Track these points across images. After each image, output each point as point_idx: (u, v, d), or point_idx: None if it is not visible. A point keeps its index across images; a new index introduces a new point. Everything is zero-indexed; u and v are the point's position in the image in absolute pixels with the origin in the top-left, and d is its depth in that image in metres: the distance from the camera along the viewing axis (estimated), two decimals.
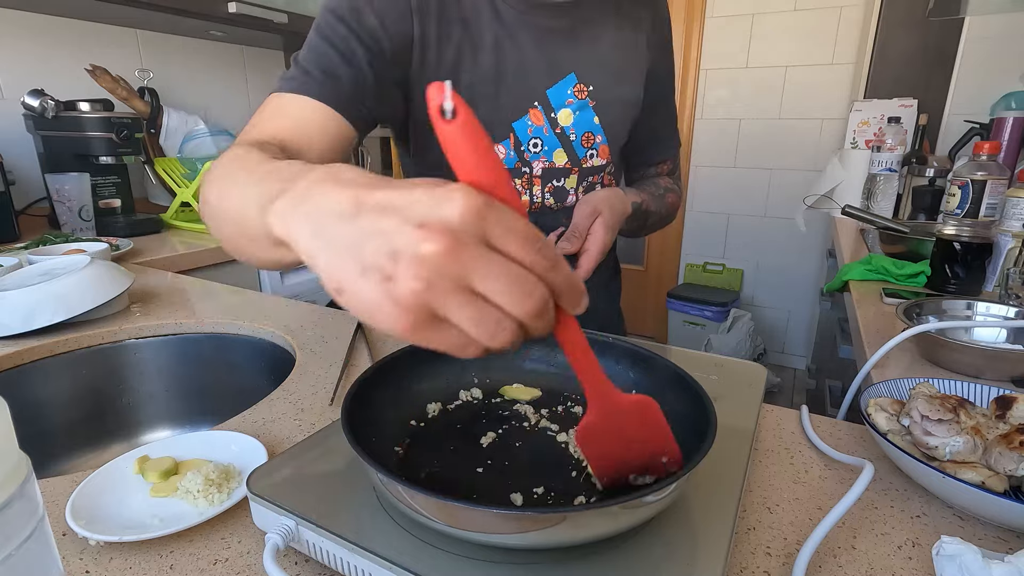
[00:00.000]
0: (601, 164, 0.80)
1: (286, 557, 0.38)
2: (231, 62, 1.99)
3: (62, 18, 1.56)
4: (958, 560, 0.33)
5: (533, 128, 0.74)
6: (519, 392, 0.52)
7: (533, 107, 0.74)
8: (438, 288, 0.25)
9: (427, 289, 0.25)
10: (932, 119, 2.07)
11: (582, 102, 0.76)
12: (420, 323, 0.25)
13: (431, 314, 0.25)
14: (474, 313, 0.25)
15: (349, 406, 0.38)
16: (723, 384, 0.57)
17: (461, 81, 0.70)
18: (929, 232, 1.10)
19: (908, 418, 0.48)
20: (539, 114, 0.74)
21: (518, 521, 0.31)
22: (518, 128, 0.74)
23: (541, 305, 0.26)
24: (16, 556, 0.19)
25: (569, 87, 0.74)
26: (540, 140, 0.75)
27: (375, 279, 0.25)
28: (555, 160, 0.77)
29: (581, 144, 0.77)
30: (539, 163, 0.76)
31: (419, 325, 0.26)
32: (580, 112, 0.76)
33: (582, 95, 0.75)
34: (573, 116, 0.76)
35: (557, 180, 0.78)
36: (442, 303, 0.25)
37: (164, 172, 1.58)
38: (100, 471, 0.45)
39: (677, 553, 0.34)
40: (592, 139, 0.78)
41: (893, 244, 1.17)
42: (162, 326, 0.82)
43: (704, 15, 2.70)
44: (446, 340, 0.26)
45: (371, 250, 0.25)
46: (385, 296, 0.25)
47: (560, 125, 0.75)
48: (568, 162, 0.78)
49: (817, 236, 2.65)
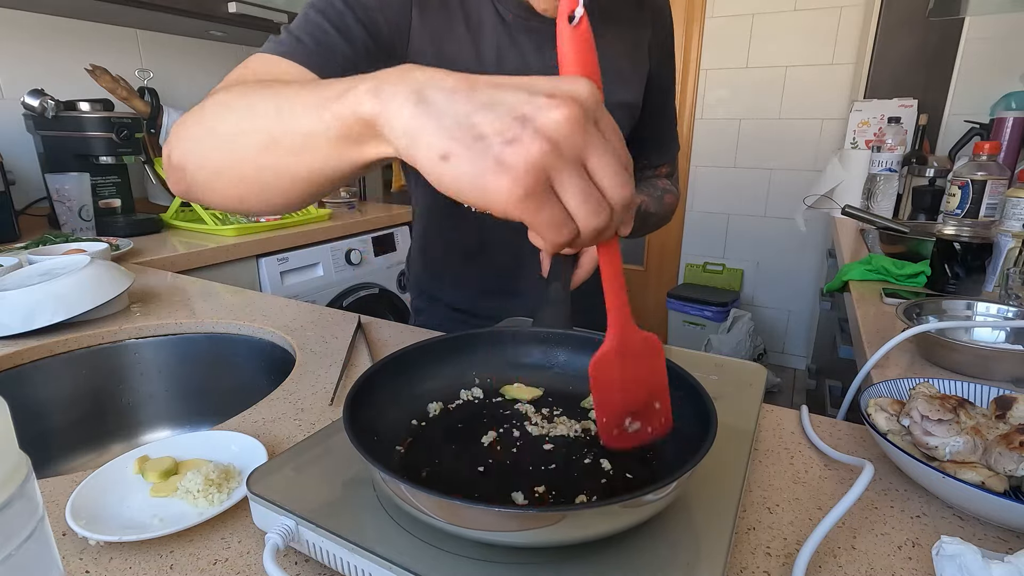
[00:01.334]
0: None
1: (286, 557, 0.38)
2: (231, 62, 1.99)
3: (62, 18, 1.56)
4: (958, 560, 0.33)
5: None
6: (520, 392, 0.52)
7: None
8: (563, 153, 0.26)
9: (552, 151, 0.26)
10: (932, 119, 2.07)
11: None
12: (534, 189, 0.26)
13: (546, 182, 0.26)
14: (584, 187, 0.27)
15: (351, 405, 0.38)
16: (723, 384, 0.57)
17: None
18: (929, 232, 1.10)
19: (908, 418, 0.48)
20: None
21: (519, 519, 0.31)
22: None
23: (629, 198, 0.28)
24: (16, 556, 0.19)
25: None
26: None
27: (497, 142, 0.26)
28: None
29: None
30: None
31: (532, 191, 0.26)
32: None
33: None
34: None
35: None
36: (560, 169, 0.26)
37: (164, 172, 1.58)
38: (100, 471, 0.45)
39: (677, 553, 0.34)
40: None
41: (893, 244, 1.17)
42: (162, 326, 0.82)
43: (704, 15, 2.70)
44: (549, 213, 0.27)
45: (493, 117, 0.26)
46: (502, 159, 0.26)
47: None
48: None
49: (817, 236, 2.65)
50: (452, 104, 0.27)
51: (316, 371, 0.66)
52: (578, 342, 0.55)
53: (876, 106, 2.09)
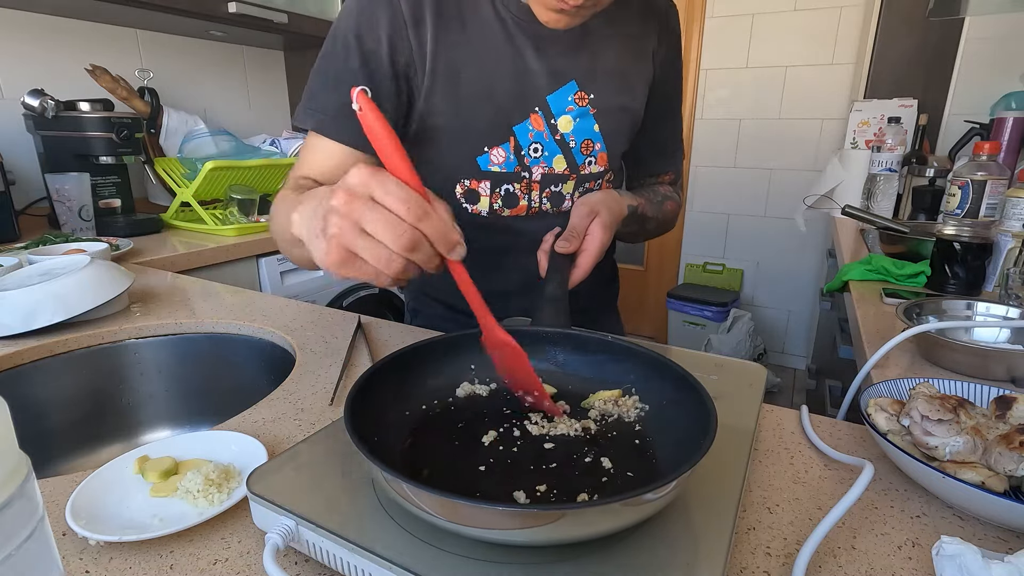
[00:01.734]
0: (599, 171, 0.80)
1: (286, 557, 0.38)
2: (231, 62, 1.99)
3: (62, 18, 1.56)
4: (958, 560, 0.33)
5: (534, 133, 0.74)
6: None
7: (534, 112, 0.73)
8: (345, 229, 0.38)
9: (339, 231, 0.38)
10: (932, 119, 2.07)
11: (583, 109, 0.75)
12: (343, 258, 0.39)
13: (348, 251, 0.39)
14: (371, 247, 0.38)
15: (352, 405, 0.38)
16: (723, 384, 0.57)
17: (461, 81, 0.70)
18: (929, 232, 1.10)
19: (908, 418, 0.48)
20: (540, 119, 0.74)
21: (521, 517, 0.31)
22: (519, 132, 0.74)
23: (411, 243, 0.38)
24: (16, 556, 0.19)
25: (570, 94, 0.74)
26: (541, 145, 0.75)
27: (317, 231, 0.40)
28: (555, 166, 0.77)
29: (580, 151, 0.77)
30: (539, 168, 0.76)
31: (343, 260, 0.39)
32: (580, 119, 0.76)
33: (583, 102, 0.75)
34: (573, 123, 0.75)
35: (555, 185, 0.78)
36: (350, 240, 0.38)
37: (164, 172, 1.58)
38: (100, 471, 0.45)
39: (677, 552, 0.34)
40: (591, 146, 0.78)
41: (893, 244, 1.17)
42: (162, 326, 0.82)
43: (704, 15, 2.70)
44: (361, 270, 0.40)
45: (317, 216, 0.41)
46: (322, 242, 0.40)
47: (560, 131, 0.75)
48: (567, 168, 0.77)
49: (817, 236, 2.65)
50: (307, 214, 0.44)
51: (316, 371, 0.66)
52: (577, 341, 0.55)
53: (876, 106, 2.09)
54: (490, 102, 0.71)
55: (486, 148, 0.74)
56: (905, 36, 2.14)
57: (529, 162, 0.75)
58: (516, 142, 0.74)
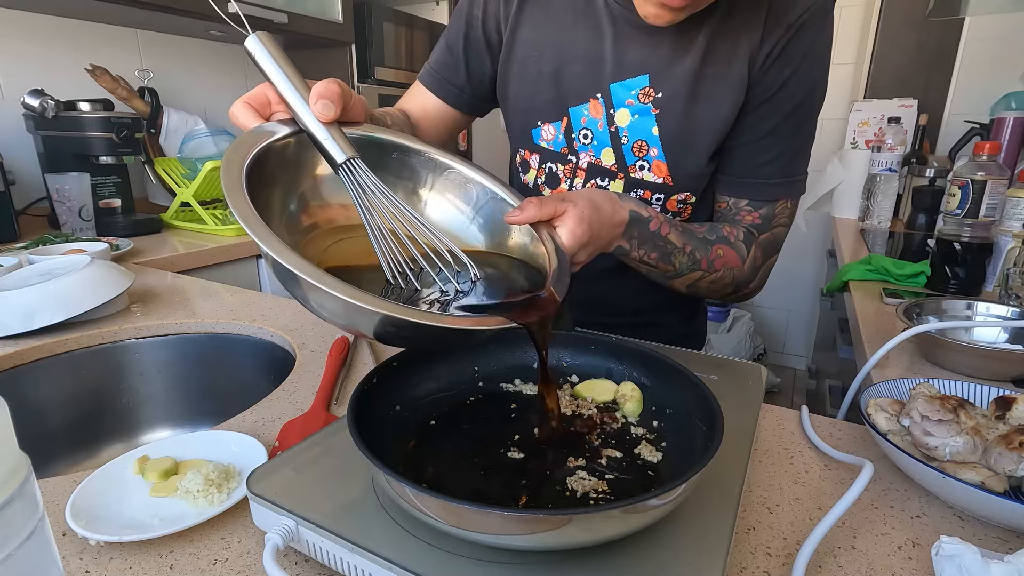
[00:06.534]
0: (655, 182, 0.72)
1: (286, 557, 0.38)
2: (231, 62, 1.99)
3: (62, 18, 1.56)
4: (958, 560, 0.33)
5: (588, 119, 0.72)
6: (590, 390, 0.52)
7: (594, 98, 0.71)
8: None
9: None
10: (932, 119, 2.07)
11: (644, 107, 0.69)
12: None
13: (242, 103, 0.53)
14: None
15: (355, 408, 0.38)
16: (723, 384, 0.57)
17: (530, 57, 0.73)
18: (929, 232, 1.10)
19: (908, 418, 0.48)
20: (599, 107, 0.71)
21: (527, 522, 0.31)
22: (573, 114, 0.73)
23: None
24: (16, 556, 0.19)
25: (637, 88, 0.69)
26: (591, 133, 0.72)
27: None
28: (602, 158, 0.73)
29: (632, 151, 0.71)
30: (586, 156, 0.74)
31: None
32: (639, 117, 0.70)
33: (647, 99, 0.69)
34: (630, 118, 0.70)
35: (601, 180, 0.74)
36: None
37: (164, 172, 1.58)
38: (100, 471, 0.45)
39: (678, 553, 0.34)
40: (645, 149, 0.71)
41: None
42: (162, 326, 0.82)
43: None
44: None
45: None
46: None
47: (615, 124, 0.71)
48: (614, 165, 0.73)
49: (817, 236, 2.65)
50: None
51: (316, 371, 0.66)
52: (581, 342, 0.55)
53: (876, 106, 2.08)
54: (553, 80, 0.72)
55: (540, 122, 0.75)
56: (905, 36, 2.14)
57: (578, 147, 0.74)
58: (568, 123, 0.73)
